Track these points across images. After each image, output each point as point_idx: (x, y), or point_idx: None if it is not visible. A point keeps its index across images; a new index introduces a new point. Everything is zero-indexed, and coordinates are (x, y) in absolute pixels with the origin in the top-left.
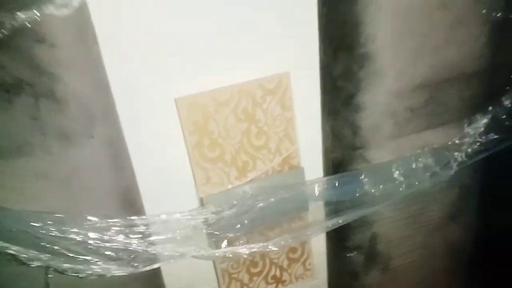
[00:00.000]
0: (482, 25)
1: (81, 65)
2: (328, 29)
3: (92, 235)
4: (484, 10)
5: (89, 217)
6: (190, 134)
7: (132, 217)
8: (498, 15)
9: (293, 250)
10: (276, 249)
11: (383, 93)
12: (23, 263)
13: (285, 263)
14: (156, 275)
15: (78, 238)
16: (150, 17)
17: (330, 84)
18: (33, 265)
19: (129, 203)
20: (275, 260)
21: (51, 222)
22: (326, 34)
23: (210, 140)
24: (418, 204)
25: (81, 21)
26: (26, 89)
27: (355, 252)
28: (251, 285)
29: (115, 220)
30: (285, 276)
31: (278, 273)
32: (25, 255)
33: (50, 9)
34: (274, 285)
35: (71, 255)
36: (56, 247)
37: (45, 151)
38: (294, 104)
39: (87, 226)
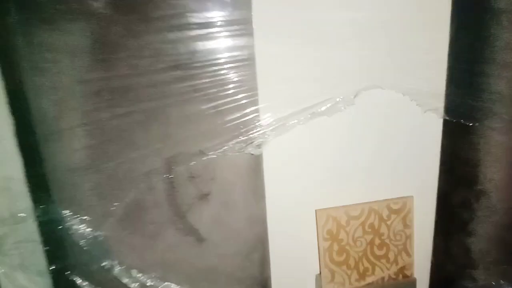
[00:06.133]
0: None
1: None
2: (449, 163)
3: None
4: None
5: None
6: (323, 240)
7: None
8: None
9: None
10: None
11: (493, 224)
12: None
13: None
14: None
15: None
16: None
17: (447, 210)
18: None
19: None
20: None
21: None
22: (448, 167)
23: (339, 246)
24: None
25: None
26: None
27: None
28: None
29: None
30: None
31: None
32: None
33: None
34: None
35: None
36: None
37: None
38: (413, 223)
39: None
